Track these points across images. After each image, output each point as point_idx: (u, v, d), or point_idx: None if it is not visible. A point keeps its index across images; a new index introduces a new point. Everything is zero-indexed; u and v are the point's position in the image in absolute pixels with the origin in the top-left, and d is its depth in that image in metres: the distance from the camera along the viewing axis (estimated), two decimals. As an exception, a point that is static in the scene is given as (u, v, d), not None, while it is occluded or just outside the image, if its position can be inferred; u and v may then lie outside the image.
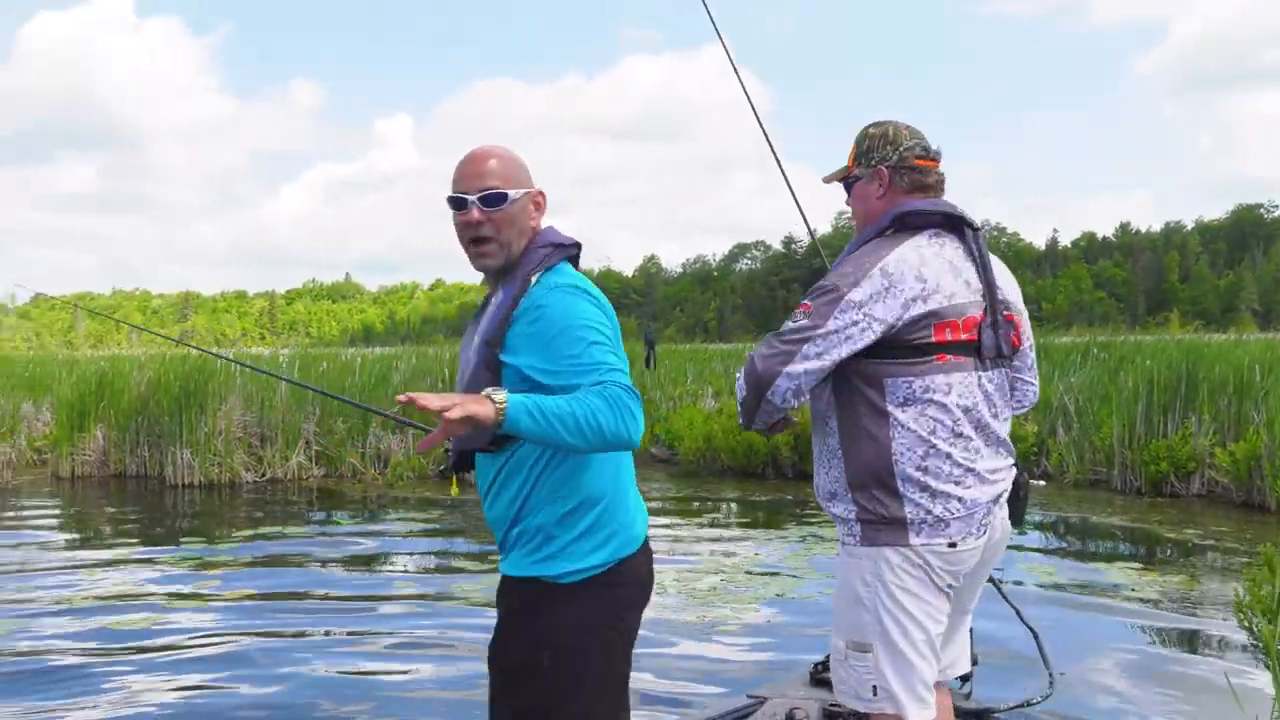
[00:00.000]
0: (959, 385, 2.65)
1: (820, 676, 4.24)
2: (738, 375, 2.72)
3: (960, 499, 2.62)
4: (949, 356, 2.64)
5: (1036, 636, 4.08)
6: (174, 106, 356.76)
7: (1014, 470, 2.80)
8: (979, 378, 2.69)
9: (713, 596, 7.02)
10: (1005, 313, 2.76)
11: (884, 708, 2.66)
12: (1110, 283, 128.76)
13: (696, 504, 11.54)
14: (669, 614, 6.46)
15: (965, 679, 3.86)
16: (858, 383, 2.67)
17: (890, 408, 2.64)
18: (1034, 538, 9.46)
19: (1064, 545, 9.11)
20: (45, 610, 6.84)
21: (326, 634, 6.28)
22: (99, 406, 15.07)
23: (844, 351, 2.58)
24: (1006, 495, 2.76)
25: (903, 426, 2.63)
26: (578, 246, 2.59)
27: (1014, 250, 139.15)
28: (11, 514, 11.61)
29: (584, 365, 2.27)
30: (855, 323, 2.58)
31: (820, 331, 2.57)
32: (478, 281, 2.72)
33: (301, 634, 6.27)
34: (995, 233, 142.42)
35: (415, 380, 15.99)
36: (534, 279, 2.45)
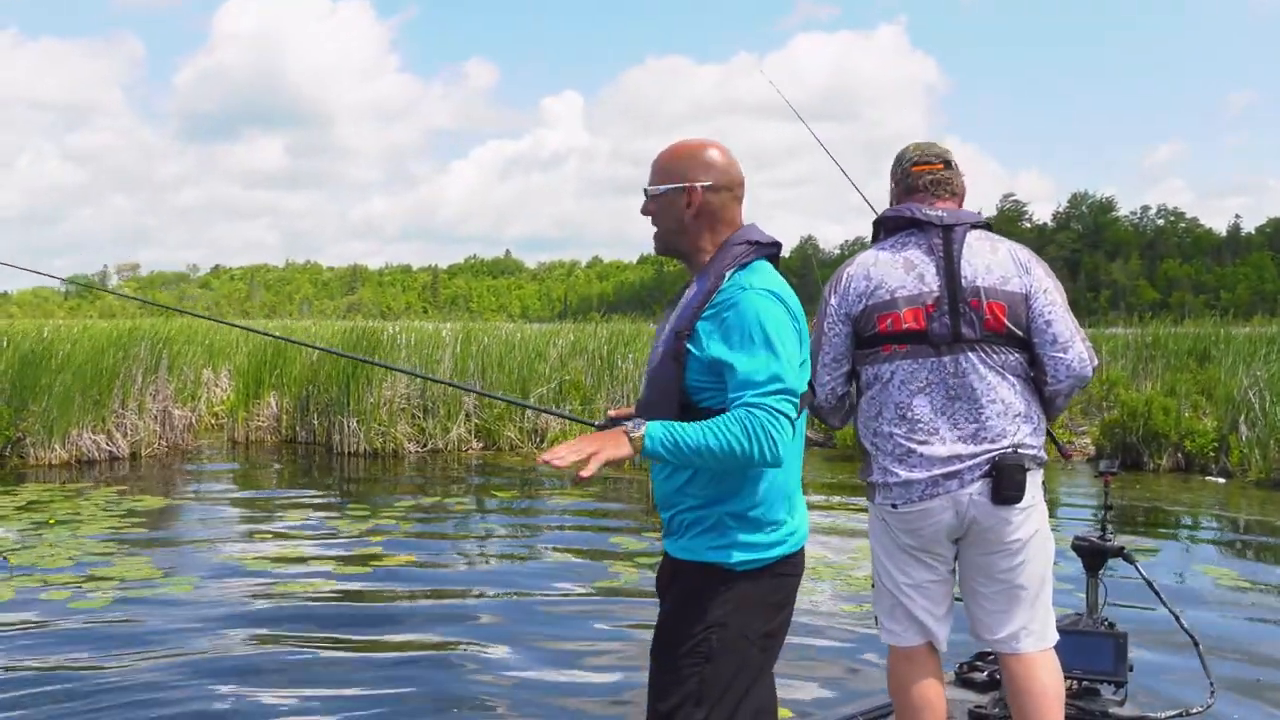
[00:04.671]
0: (904, 372, 3.03)
1: (966, 677, 4.12)
2: None
3: (898, 472, 3.02)
4: (893, 346, 3.03)
5: (1197, 644, 3.90)
6: (358, 87, 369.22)
7: (1000, 451, 2.99)
8: (932, 364, 3.01)
9: (869, 586, 6.87)
10: (971, 300, 3.00)
11: (879, 634, 3.27)
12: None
13: (851, 490, 11.33)
14: (824, 603, 6.37)
15: (1119, 685, 3.77)
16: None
17: (862, 392, 3.16)
18: (1210, 539, 9.02)
19: (1243, 548, 8.65)
20: (216, 573, 7.18)
21: (481, 599, 6.41)
22: (272, 375, 15.75)
23: (841, 348, 3.13)
24: (979, 475, 2.98)
25: (862, 409, 3.15)
26: (777, 246, 2.61)
27: (1192, 237, 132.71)
28: (193, 476, 12.22)
29: (749, 380, 2.33)
30: (835, 322, 3.12)
31: (824, 339, 3.13)
32: (634, 260, 2.78)
33: (452, 605, 6.41)
34: (1172, 219, 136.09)
35: (572, 357, 16.15)
36: (728, 275, 2.50)
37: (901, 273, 3.05)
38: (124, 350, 13.80)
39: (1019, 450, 3.01)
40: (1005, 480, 2.97)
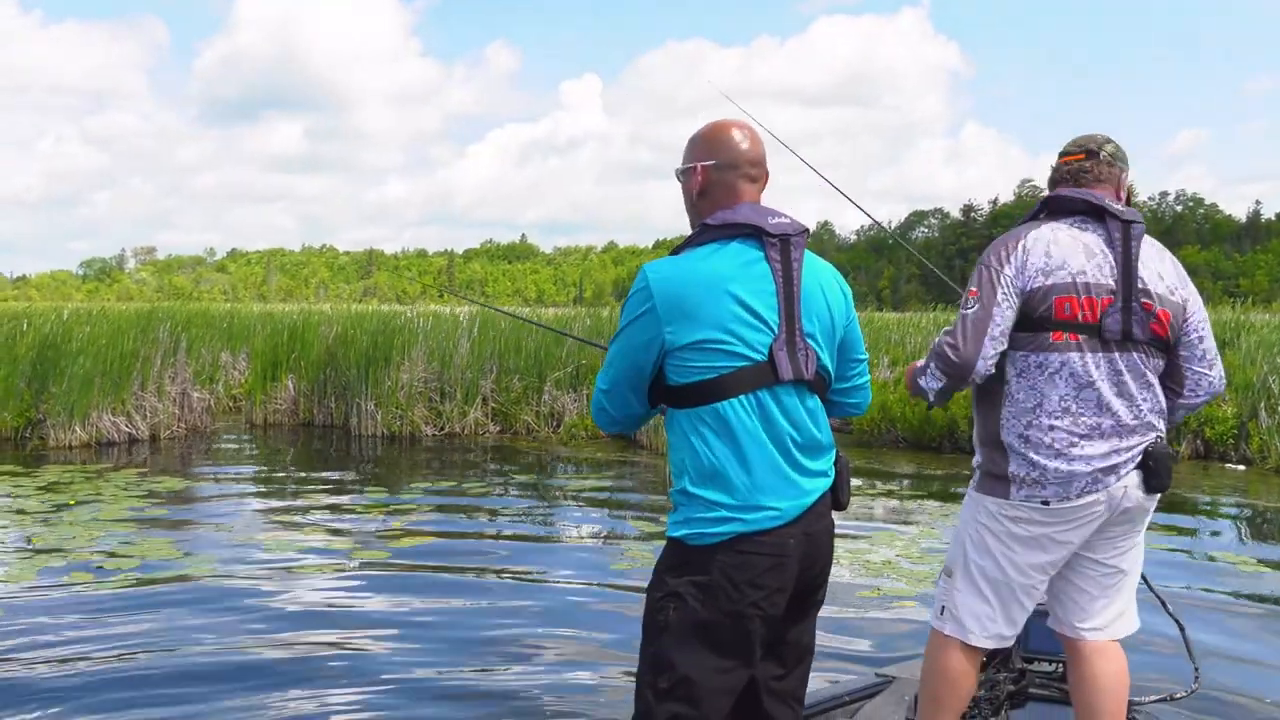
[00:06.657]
0: (1075, 364, 2.93)
1: None
2: (921, 366, 3.07)
3: (1058, 468, 2.91)
4: (1065, 335, 2.93)
5: (1182, 629, 3.90)
6: (380, 71, 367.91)
7: (1151, 441, 2.99)
8: (1102, 358, 2.94)
9: (888, 570, 6.88)
10: (1144, 301, 2.96)
11: (943, 627, 3.13)
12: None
13: (870, 476, 11.32)
14: (841, 584, 6.35)
15: None
16: None
17: (1009, 377, 3.00)
18: (1228, 525, 8.98)
19: (1262, 535, 8.62)
20: (236, 554, 7.22)
21: (496, 579, 6.43)
22: (290, 358, 15.80)
23: (1010, 322, 2.94)
24: (1133, 466, 2.96)
25: (1012, 396, 2.99)
26: (735, 227, 2.46)
27: (1211, 223, 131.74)
28: (212, 458, 12.29)
29: None
30: (1010, 294, 2.93)
31: (995, 310, 2.92)
32: (650, 245, 2.77)
33: (468, 587, 6.43)
34: (1191, 205, 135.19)
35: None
36: None
37: (1083, 257, 2.95)
38: (143, 333, 13.87)
39: (1162, 439, 3.04)
40: (1160, 468, 2.99)
